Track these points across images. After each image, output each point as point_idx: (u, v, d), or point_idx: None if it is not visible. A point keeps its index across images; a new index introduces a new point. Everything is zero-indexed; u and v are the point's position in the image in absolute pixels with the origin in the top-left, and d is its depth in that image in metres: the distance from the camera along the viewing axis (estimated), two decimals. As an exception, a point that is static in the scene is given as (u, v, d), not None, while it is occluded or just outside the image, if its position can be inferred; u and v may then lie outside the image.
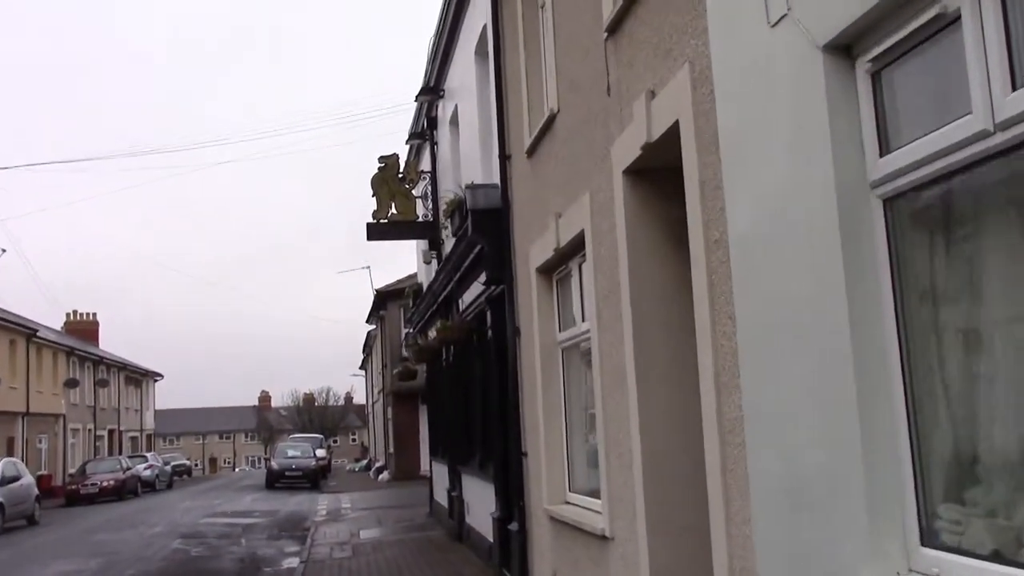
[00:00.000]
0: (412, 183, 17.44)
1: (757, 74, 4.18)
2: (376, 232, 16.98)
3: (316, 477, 40.19)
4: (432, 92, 16.40)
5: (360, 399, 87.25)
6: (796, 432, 3.92)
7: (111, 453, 50.70)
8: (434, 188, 17.39)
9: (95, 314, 62.86)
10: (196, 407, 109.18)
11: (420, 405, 37.43)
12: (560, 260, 8.60)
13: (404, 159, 18.66)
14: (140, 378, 63.74)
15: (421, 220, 17.51)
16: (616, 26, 6.37)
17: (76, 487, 36.31)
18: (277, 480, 39.64)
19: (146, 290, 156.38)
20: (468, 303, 13.15)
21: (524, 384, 10.19)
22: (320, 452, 47.00)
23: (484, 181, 11.62)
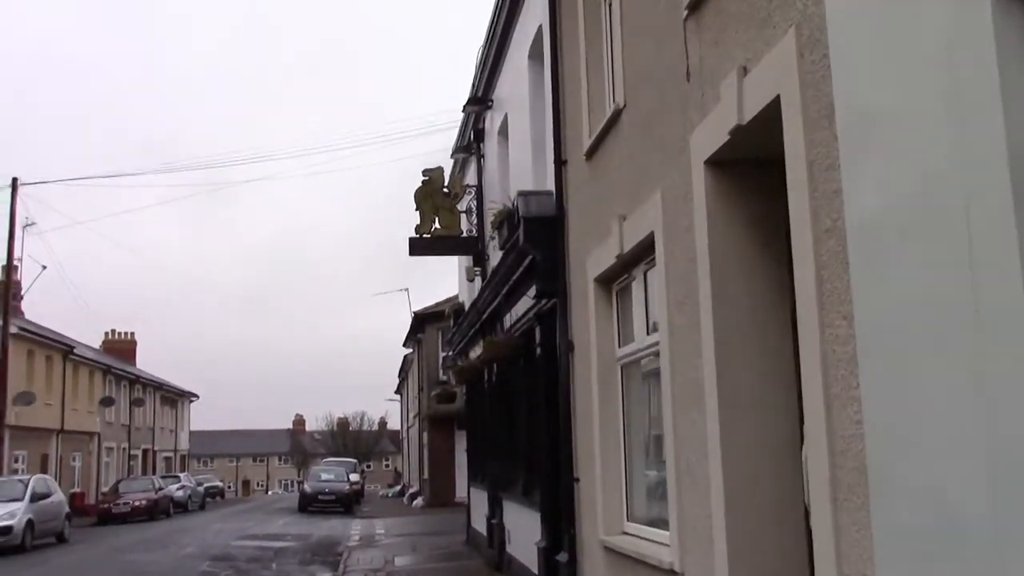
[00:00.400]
0: (456, 197, 16.87)
1: (893, 29, 3.51)
2: (419, 247, 16.41)
3: (349, 502, 39.56)
4: (480, 102, 15.85)
5: (394, 424, 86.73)
6: (943, 460, 3.20)
7: (144, 473, 50.42)
8: (479, 202, 16.80)
9: (133, 333, 62.97)
10: (230, 429, 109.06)
11: (456, 430, 36.77)
12: (623, 268, 7.93)
13: (448, 173, 18.12)
14: (176, 398, 63.65)
15: (465, 235, 16.92)
16: (700, 2, 5.73)
17: (108, 506, 35.95)
18: (310, 504, 39.03)
19: (184, 309, 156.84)
20: (516, 319, 12.49)
21: (577, 404, 9.50)
22: (354, 476, 46.43)
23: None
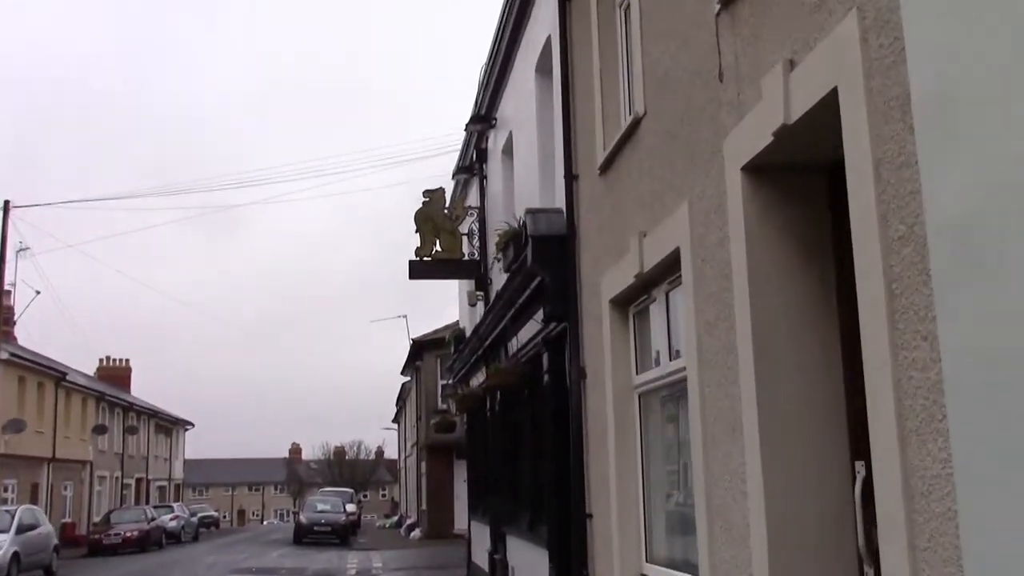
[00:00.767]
0: (458, 219, 16.34)
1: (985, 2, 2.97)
2: (419, 270, 15.85)
3: (346, 533, 38.79)
4: (483, 120, 15.34)
5: (391, 453, 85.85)
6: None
7: (138, 502, 49.55)
8: (482, 224, 16.26)
9: (128, 360, 62.22)
10: (226, 457, 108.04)
11: (455, 460, 36.09)
12: (642, 288, 7.36)
13: (449, 195, 17.59)
14: (170, 426, 62.84)
15: (467, 258, 16.37)
16: (736, -8, 5.21)
17: (99, 537, 35.15)
18: (305, 535, 38.25)
19: (178, 336, 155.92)
20: (521, 345, 11.91)
21: (589, 435, 8.90)
22: (350, 507, 45.67)
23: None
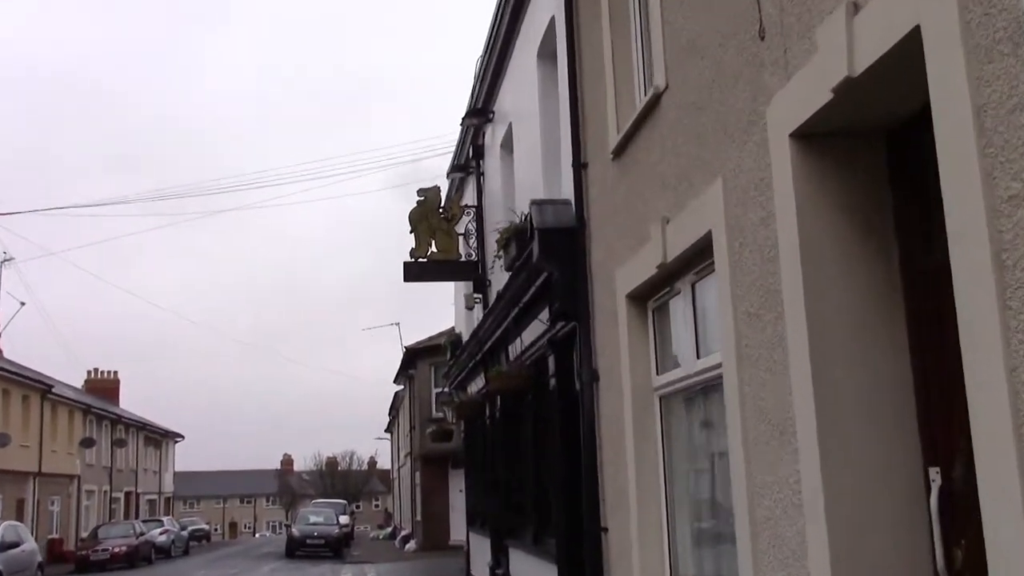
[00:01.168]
0: (454, 219, 15.68)
1: None
2: (414, 272, 15.20)
3: (339, 545, 37.98)
4: (480, 114, 14.68)
5: (384, 463, 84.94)
6: None
7: (127, 516, 48.65)
8: (480, 224, 15.61)
9: (116, 372, 61.30)
10: (217, 470, 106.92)
11: (451, 470, 35.38)
12: (665, 280, 6.72)
13: (444, 195, 16.93)
14: (160, 439, 61.91)
15: (464, 259, 15.72)
16: (780, -65, 4.58)
17: (86, 553, 34.30)
18: (298, 548, 37.44)
19: (167, 346, 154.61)
20: (524, 348, 11.26)
21: (603, 442, 8.25)
22: (343, 518, 44.80)
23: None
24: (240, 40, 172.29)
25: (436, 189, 15.80)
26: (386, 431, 64.42)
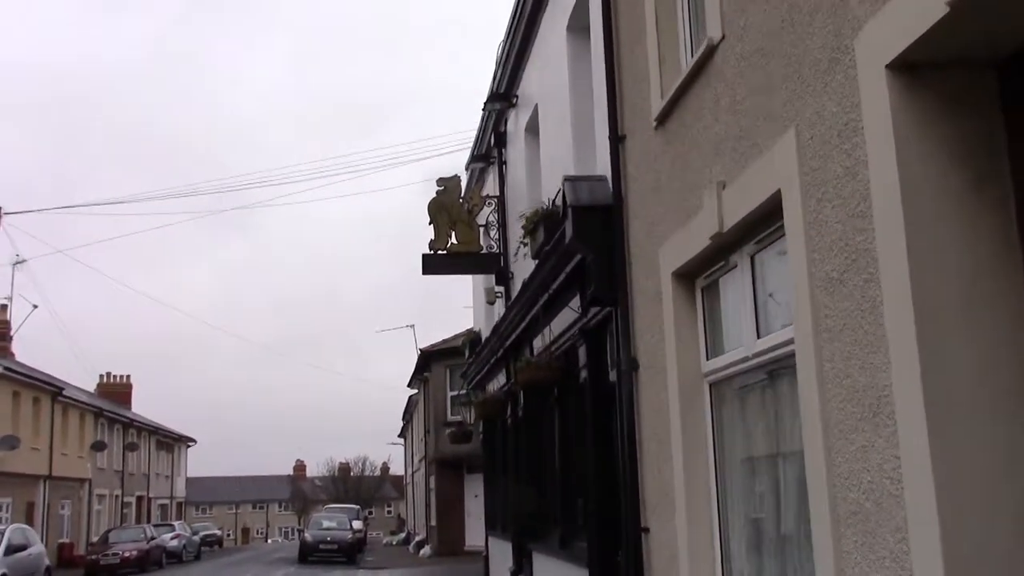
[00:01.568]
0: (475, 209, 15.08)
1: None
2: (433, 265, 14.59)
3: (352, 551, 37.32)
4: (503, 99, 14.05)
5: (397, 469, 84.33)
6: None
7: (138, 521, 48.17)
8: (502, 214, 14.99)
9: (129, 376, 60.85)
10: (229, 475, 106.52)
11: (467, 474, 34.77)
12: (718, 253, 6.09)
13: (464, 187, 16.34)
14: (172, 443, 61.45)
15: (486, 252, 15.10)
16: None
17: (96, 557, 33.71)
18: (311, 553, 36.80)
19: (180, 350, 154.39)
20: (552, 339, 10.64)
21: (644, 435, 7.62)
22: (356, 524, 44.17)
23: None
24: (276, 39, 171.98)
25: (456, 179, 15.21)
26: (399, 436, 63.84)
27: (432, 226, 14.68)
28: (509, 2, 12.94)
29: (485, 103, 14.58)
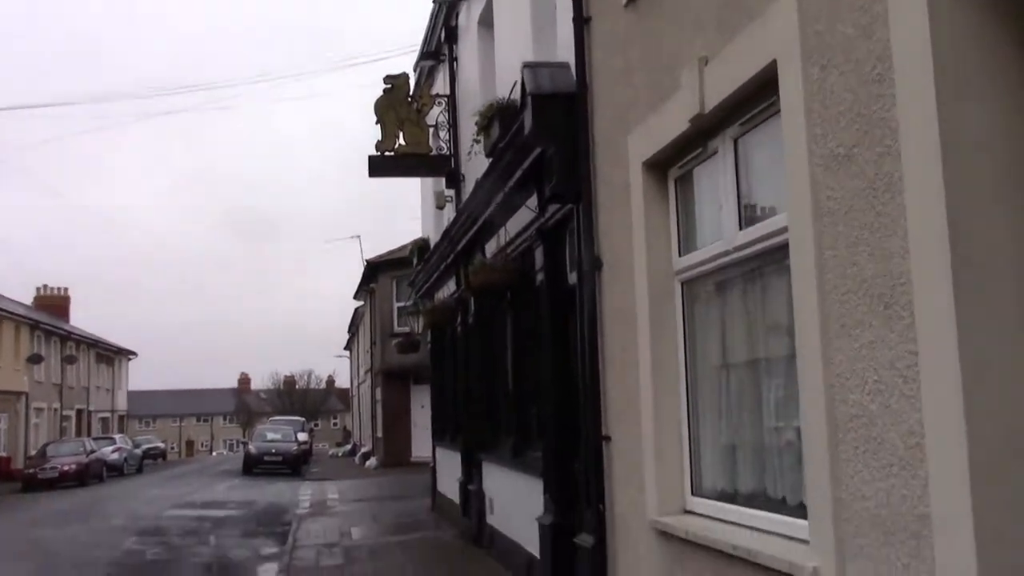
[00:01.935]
0: (424, 109, 14.33)
1: None
2: (380, 167, 13.88)
3: (297, 463, 37.09)
4: (454, -12, 13.25)
5: (343, 382, 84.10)
6: None
7: (79, 434, 47.33)
8: (452, 115, 14.26)
9: (67, 288, 59.34)
10: (173, 389, 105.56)
11: (413, 385, 34.51)
12: (696, 138, 5.54)
13: (412, 86, 15.53)
14: (112, 356, 60.35)
15: (435, 153, 14.42)
16: None
17: (34, 471, 33.09)
18: (255, 465, 36.50)
19: (120, 262, 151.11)
20: (508, 240, 10.09)
21: (607, 340, 7.15)
22: (302, 436, 43.95)
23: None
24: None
25: (404, 76, 14.40)
26: (345, 349, 63.39)
27: (379, 126, 13.92)
28: None
29: (434, -7, 13.76)
